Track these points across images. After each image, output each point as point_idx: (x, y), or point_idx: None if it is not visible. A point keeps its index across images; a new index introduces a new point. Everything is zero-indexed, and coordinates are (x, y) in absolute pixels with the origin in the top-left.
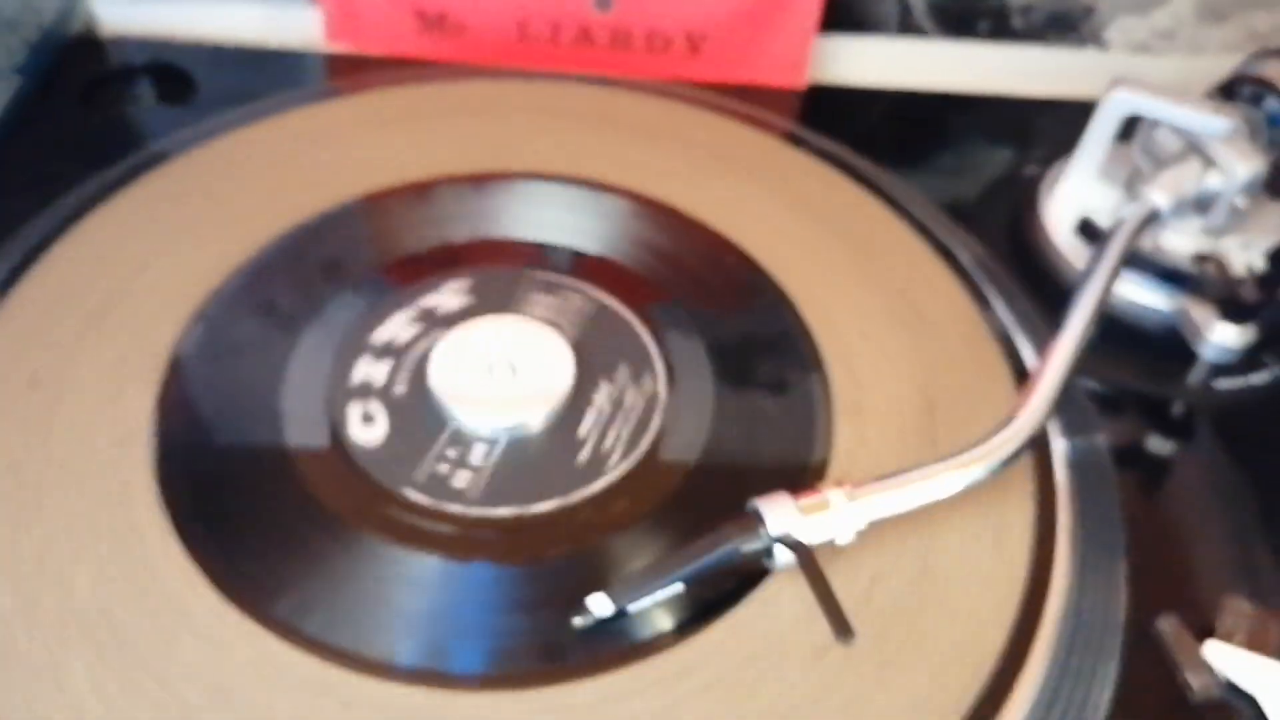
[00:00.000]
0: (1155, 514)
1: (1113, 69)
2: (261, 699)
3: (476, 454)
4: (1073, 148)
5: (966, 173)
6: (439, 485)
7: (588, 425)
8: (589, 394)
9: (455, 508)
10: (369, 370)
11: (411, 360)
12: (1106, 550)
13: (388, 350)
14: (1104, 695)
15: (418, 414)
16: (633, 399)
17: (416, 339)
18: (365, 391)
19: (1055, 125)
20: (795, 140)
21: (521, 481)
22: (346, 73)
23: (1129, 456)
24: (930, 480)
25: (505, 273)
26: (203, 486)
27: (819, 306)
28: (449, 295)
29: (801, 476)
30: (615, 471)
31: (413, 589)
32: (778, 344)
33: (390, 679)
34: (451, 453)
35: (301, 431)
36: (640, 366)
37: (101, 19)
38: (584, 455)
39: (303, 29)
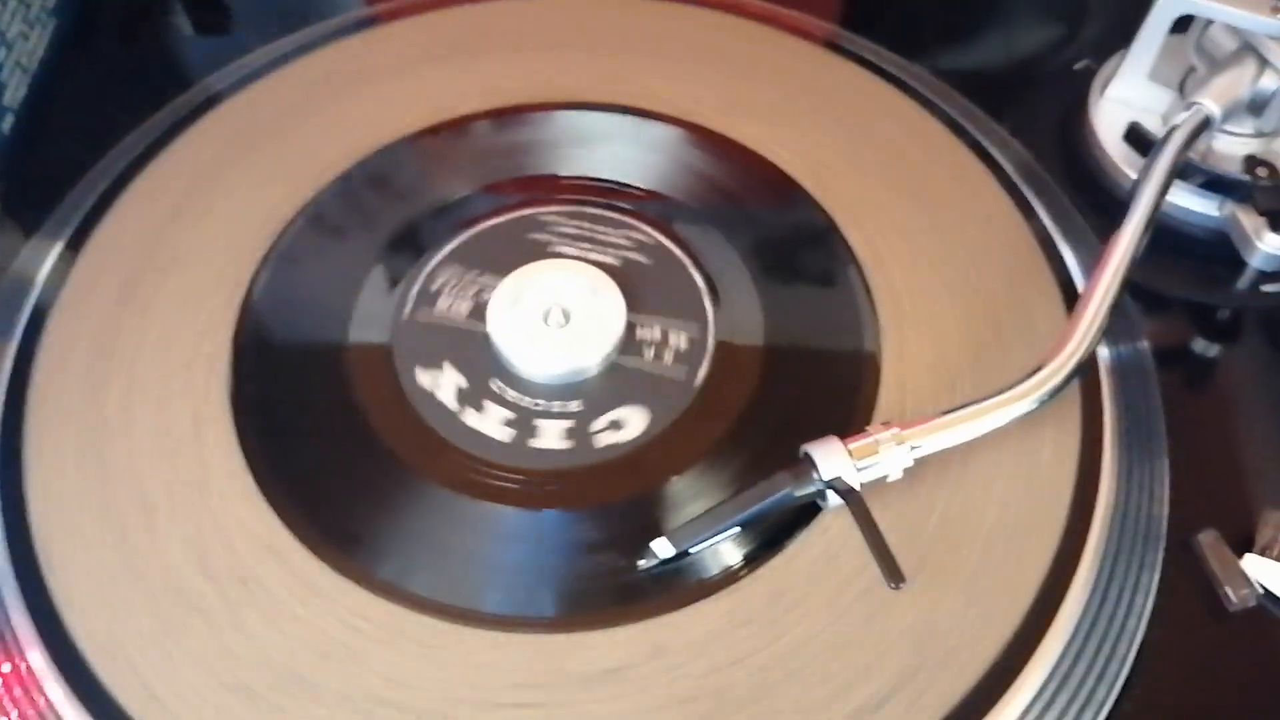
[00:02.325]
0: (1198, 423)
1: None
2: (343, 642)
3: (538, 402)
4: (1127, 31)
5: (1016, 64)
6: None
7: (643, 364)
8: (642, 332)
9: (520, 456)
10: (433, 317)
11: (470, 308)
12: (1150, 457)
13: (448, 297)
14: (1146, 605)
15: (479, 362)
16: (684, 333)
17: (474, 284)
18: (431, 340)
19: (1110, 6)
20: (836, 48)
21: (584, 426)
22: None
23: (1174, 363)
24: (978, 418)
25: (547, 210)
26: (278, 442)
27: (867, 230)
28: (498, 237)
29: (851, 420)
30: (673, 410)
31: (482, 536)
32: (826, 271)
33: (467, 623)
34: (514, 401)
35: (370, 379)
36: (688, 300)
37: None
38: (642, 395)
39: None
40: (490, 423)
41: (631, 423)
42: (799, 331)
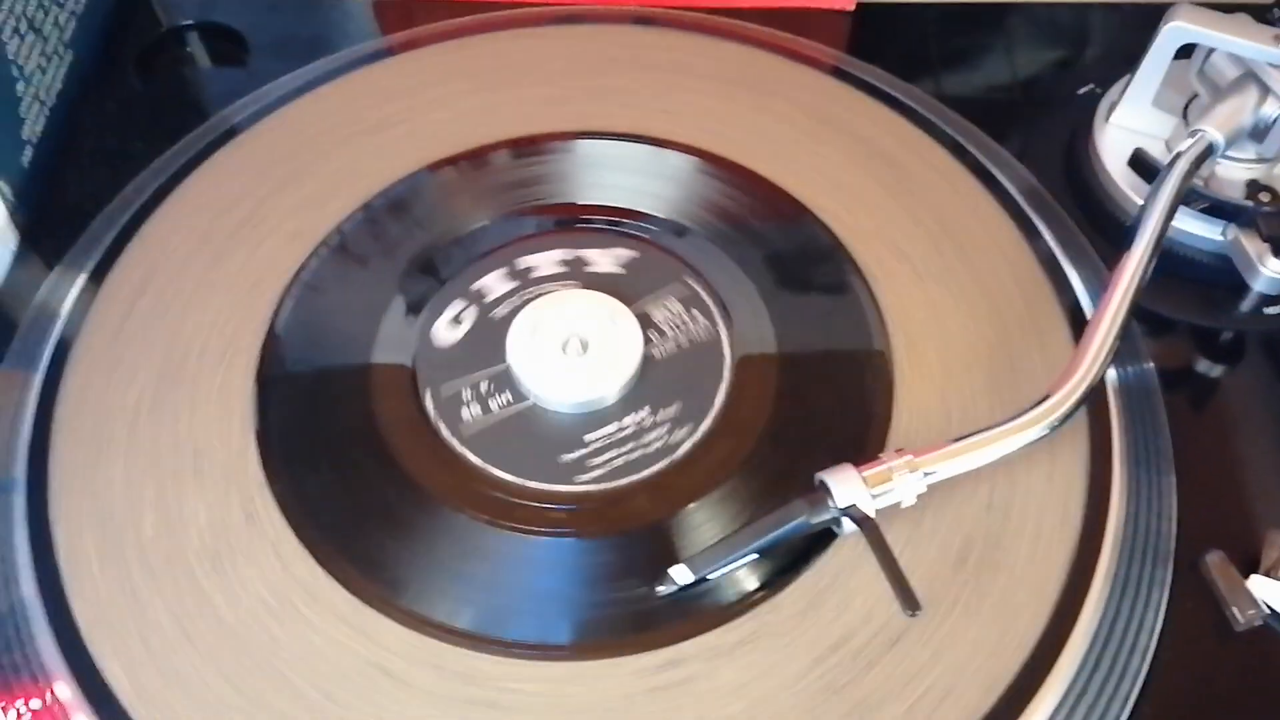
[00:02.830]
0: (1204, 445)
1: None
2: (358, 665)
3: (558, 429)
4: (1130, 54)
5: (1021, 89)
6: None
7: (659, 393)
8: (658, 361)
9: (540, 484)
10: (454, 345)
11: (490, 336)
12: (1157, 477)
13: (467, 326)
14: (1156, 624)
15: (500, 390)
16: (701, 361)
17: (493, 313)
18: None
19: (1114, 30)
20: (843, 74)
21: (601, 455)
22: (393, 19)
23: (1179, 386)
24: (990, 445)
25: (563, 238)
26: (302, 470)
27: (877, 255)
28: (510, 274)
29: (865, 442)
30: (691, 439)
31: (502, 564)
32: (838, 296)
33: (490, 651)
34: (534, 429)
35: (392, 407)
36: (705, 329)
37: None
38: (658, 424)
39: None
40: (512, 450)
41: (652, 448)
42: (812, 356)
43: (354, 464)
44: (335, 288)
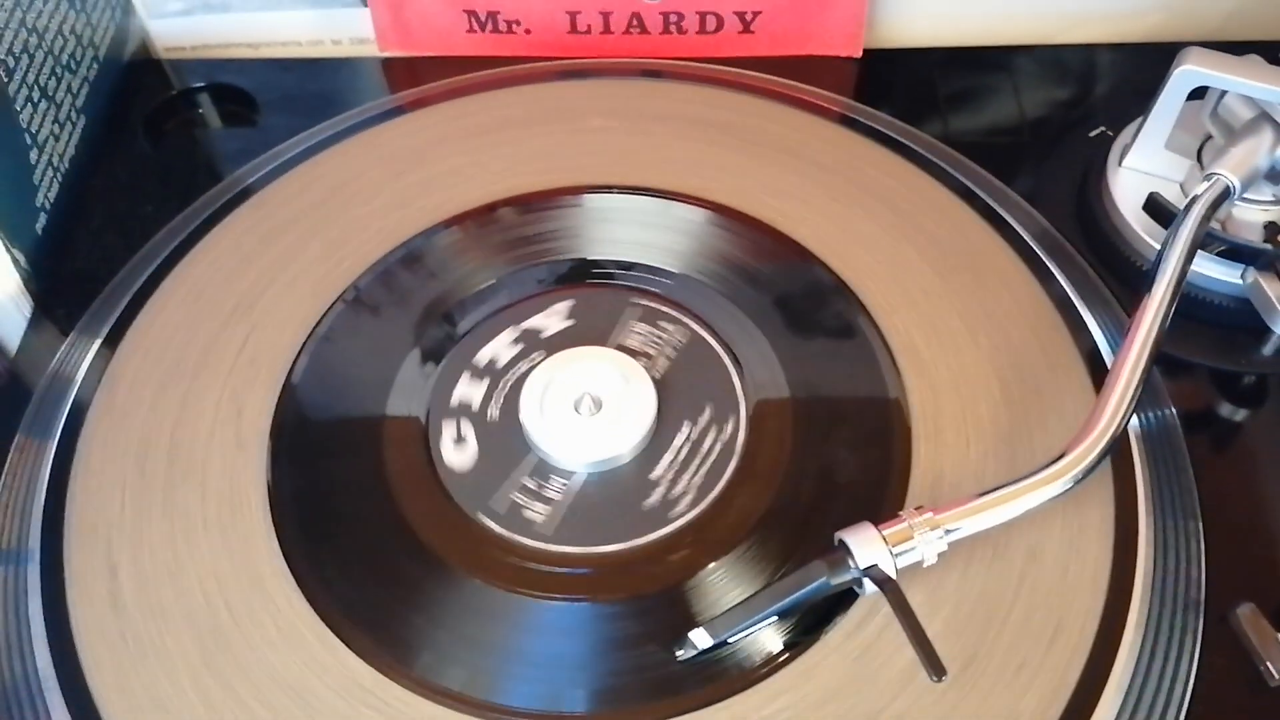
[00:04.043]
0: (1229, 494)
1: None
2: None
3: (570, 487)
4: (1141, 95)
5: (1031, 132)
6: (518, 516)
7: (668, 460)
8: (672, 428)
9: (539, 544)
10: (467, 391)
11: (502, 398)
12: (1184, 525)
13: (480, 387)
14: (1189, 678)
15: (507, 442)
16: (713, 436)
17: (505, 374)
18: (461, 412)
19: (1122, 70)
20: (849, 122)
21: (609, 516)
22: (401, 76)
23: (1202, 432)
24: (1012, 501)
25: (572, 295)
26: (317, 540)
27: (891, 304)
28: (530, 324)
29: (884, 495)
30: (708, 496)
31: (518, 630)
32: (852, 347)
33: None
34: (541, 484)
35: (405, 473)
36: (717, 381)
37: (153, 35)
38: (667, 489)
39: (354, 29)
40: (528, 513)
41: (672, 507)
42: (828, 411)
43: (368, 531)
44: (351, 348)
